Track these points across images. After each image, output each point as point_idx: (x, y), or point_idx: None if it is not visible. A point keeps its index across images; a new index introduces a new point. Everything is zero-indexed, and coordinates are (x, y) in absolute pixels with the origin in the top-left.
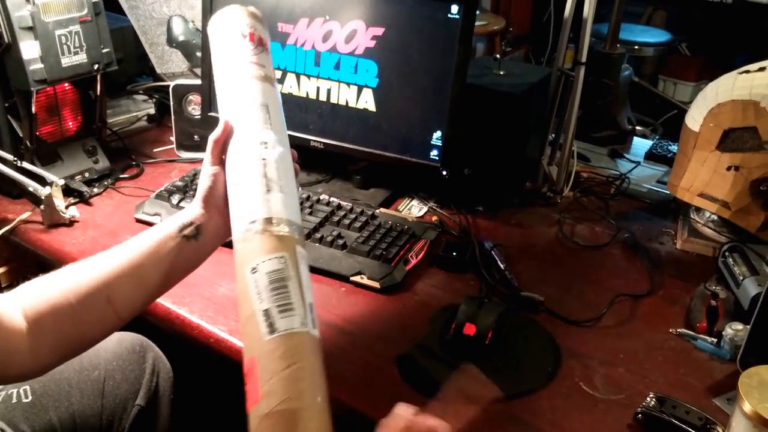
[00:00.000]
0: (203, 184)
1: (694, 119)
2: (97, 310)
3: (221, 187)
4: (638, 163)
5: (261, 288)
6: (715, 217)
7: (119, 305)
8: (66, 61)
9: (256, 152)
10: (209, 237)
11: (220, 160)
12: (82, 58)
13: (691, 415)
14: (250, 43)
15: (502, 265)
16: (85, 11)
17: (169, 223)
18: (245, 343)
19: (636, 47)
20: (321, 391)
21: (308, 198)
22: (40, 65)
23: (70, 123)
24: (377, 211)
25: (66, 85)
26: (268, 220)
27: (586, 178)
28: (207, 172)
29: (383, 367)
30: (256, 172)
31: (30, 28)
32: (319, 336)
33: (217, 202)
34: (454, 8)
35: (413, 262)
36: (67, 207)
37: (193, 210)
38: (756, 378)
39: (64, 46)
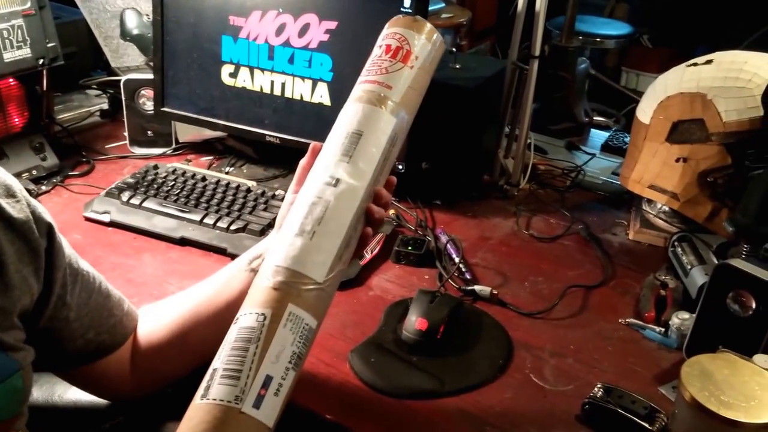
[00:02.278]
0: (282, 210)
1: (644, 112)
2: (176, 348)
3: None
4: (594, 155)
5: (228, 342)
6: (666, 208)
7: (196, 344)
8: (8, 56)
9: (316, 188)
10: None
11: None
12: (25, 52)
13: (636, 404)
14: (382, 56)
15: (456, 258)
16: (29, 4)
17: (244, 256)
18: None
19: (598, 39)
20: None
21: (263, 194)
22: None
23: (16, 119)
24: None
25: (10, 80)
26: (275, 268)
27: (543, 171)
28: (287, 199)
29: (336, 363)
30: (302, 210)
31: None
32: (263, 420)
33: None
34: (407, 2)
35: (368, 257)
36: None
37: (269, 240)
38: (697, 366)
39: (6, 41)
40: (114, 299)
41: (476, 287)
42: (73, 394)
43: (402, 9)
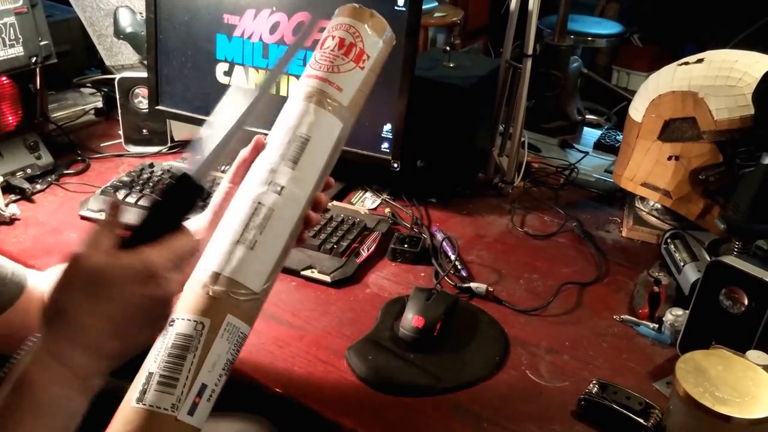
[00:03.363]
0: (215, 197)
1: (636, 110)
2: None
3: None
4: (587, 153)
5: (165, 346)
6: (659, 206)
7: None
8: (1, 54)
9: (256, 190)
10: None
11: (242, 179)
12: (18, 51)
13: (631, 400)
14: (335, 50)
15: (452, 256)
16: (21, 2)
17: None
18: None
19: (589, 39)
20: None
21: None
22: None
23: (10, 118)
24: (329, 204)
25: (3, 78)
26: (215, 276)
27: (536, 169)
28: (222, 187)
29: (333, 361)
30: (241, 214)
31: None
32: (195, 425)
33: None
34: (401, 0)
35: (365, 255)
36: (7, 204)
37: (199, 222)
38: (692, 363)
39: None
40: None
41: (472, 284)
42: None
43: (396, 8)
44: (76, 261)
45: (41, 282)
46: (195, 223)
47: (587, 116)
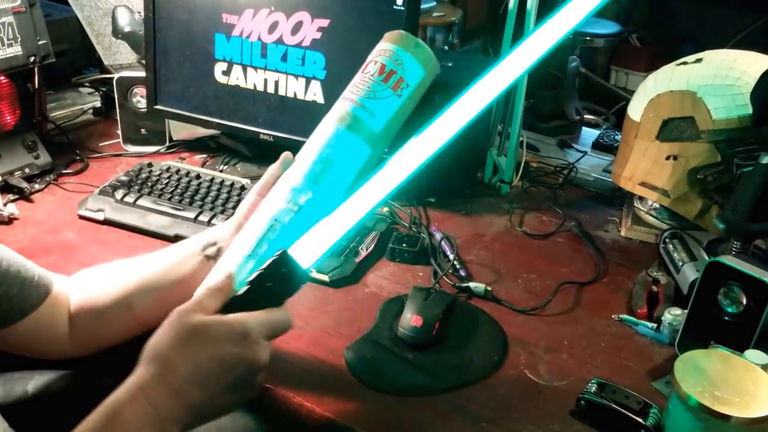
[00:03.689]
0: (242, 207)
1: (635, 109)
2: (120, 315)
3: None
4: (585, 153)
5: None
6: (657, 205)
7: (140, 314)
8: None
9: (275, 207)
10: None
11: (267, 193)
12: (16, 50)
13: (630, 399)
14: (375, 76)
15: (450, 255)
16: (19, 2)
17: (196, 240)
18: None
19: (588, 38)
20: None
21: None
22: None
23: (8, 117)
24: None
25: (2, 78)
26: None
27: (535, 168)
28: (249, 198)
29: (331, 360)
30: (258, 229)
31: None
32: None
33: None
34: (399, 0)
35: (363, 254)
36: (5, 204)
37: (223, 229)
38: (691, 362)
39: None
40: (12, 272)
41: (471, 284)
42: (34, 385)
43: (395, 6)
44: (182, 315)
45: (67, 286)
46: (219, 231)
47: (585, 116)
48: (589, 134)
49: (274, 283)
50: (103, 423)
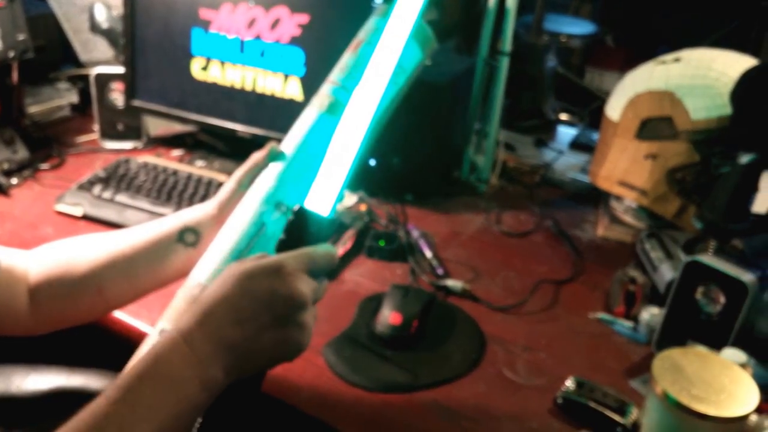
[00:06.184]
0: (224, 189)
1: (613, 109)
2: (88, 295)
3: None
4: (562, 152)
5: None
6: (634, 205)
7: (109, 295)
8: None
9: (262, 208)
10: (207, 247)
11: (248, 181)
12: None
13: (608, 397)
14: (350, 52)
15: (428, 253)
16: None
17: (173, 221)
18: None
19: (563, 39)
20: None
21: None
22: None
23: None
24: None
25: None
26: (204, 288)
27: (512, 167)
28: (230, 184)
29: (310, 357)
30: (243, 230)
31: None
32: None
33: (230, 215)
34: None
35: (341, 251)
36: None
37: (204, 211)
38: (668, 360)
39: None
40: None
41: (448, 282)
42: (32, 384)
43: (373, 4)
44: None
45: (24, 260)
46: (199, 210)
47: (560, 115)
48: (565, 133)
49: (301, 240)
50: (146, 366)
